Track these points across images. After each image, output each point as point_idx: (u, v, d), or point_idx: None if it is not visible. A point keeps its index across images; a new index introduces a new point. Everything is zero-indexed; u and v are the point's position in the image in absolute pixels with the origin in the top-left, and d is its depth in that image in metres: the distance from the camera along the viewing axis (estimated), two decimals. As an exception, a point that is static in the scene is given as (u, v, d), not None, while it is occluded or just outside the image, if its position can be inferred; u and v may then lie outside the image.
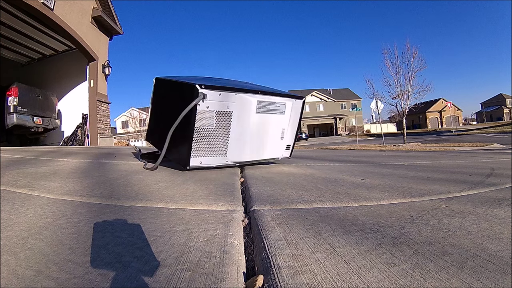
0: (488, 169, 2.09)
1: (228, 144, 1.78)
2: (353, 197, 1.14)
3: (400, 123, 15.70)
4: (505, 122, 36.60)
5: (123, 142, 17.22)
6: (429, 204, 1.05)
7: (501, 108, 51.65)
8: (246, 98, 1.74)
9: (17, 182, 1.37)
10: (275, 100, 1.89)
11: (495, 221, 0.84)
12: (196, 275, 0.54)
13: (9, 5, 6.27)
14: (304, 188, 1.33)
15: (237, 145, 1.81)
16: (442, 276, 0.52)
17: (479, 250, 0.63)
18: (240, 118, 1.75)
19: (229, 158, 1.83)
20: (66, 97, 9.29)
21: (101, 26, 8.99)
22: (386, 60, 13.14)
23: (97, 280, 0.51)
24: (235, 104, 1.71)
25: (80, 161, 2.50)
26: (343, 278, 0.52)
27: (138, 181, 1.46)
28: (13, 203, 1.01)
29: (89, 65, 8.72)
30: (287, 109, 1.99)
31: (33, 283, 0.50)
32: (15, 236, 0.70)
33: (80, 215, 0.88)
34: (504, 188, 1.35)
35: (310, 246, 0.66)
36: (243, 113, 1.75)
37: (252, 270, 0.62)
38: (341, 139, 24.08)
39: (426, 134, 26.66)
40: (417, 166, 2.36)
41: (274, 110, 1.90)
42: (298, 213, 0.92)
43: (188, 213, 0.92)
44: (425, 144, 9.91)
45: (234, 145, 1.79)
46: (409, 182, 1.50)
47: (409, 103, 12.74)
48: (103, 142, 8.85)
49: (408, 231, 0.76)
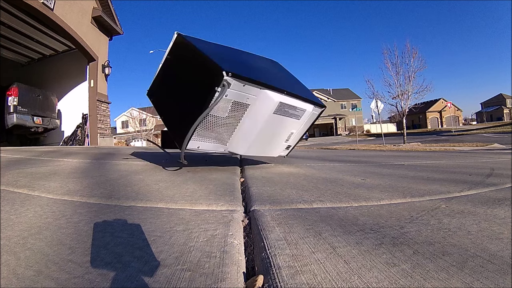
0: (488, 169, 2.09)
1: (233, 135, 1.68)
2: (353, 197, 1.14)
3: (400, 123, 15.69)
4: (505, 122, 36.58)
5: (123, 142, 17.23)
6: (429, 204, 1.05)
7: (501, 108, 51.64)
8: (269, 96, 1.62)
9: (17, 182, 1.37)
10: (296, 105, 1.78)
11: (495, 221, 0.84)
12: (196, 275, 0.54)
13: (9, 5, 6.27)
14: (304, 188, 1.33)
15: (240, 138, 1.72)
16: (442, 276, 0.52)
17: (479, 250, 0.63)
18: (255, 113, 1.63)
19: (228, 148, 1.75)
20: (66, 97, 9.29)
21: (101, 26, 8.99)
22: (386, 60, 13.14)
23: (97, 280, 0.51)
24: (256, 98, 1.58)
25: (80, 161, 2.50)
26: (343, 278, 0.52)
27: (138, 181, 1.46)
28: (13, 203, 1.01)
29: (89, 65, 8.72)
30: (304, 116, 1.90)
31: (33, 283, 0.50)
32: (15, 236, 0.70)
33: (80, 215, 0.88)
34: (504, 188, 1.35)
35: (310, 246, 0.66)
36: (260, 109, 1.63)
37: (252, 270, 0.62)
38: (341, 139, 24.10)
39: (426, 134, 26.65)
40: (417, 166, 2.36)
41: (291, 114, 1.80)
42: (298, 213, 0.92)
43: (188, 213, 0.92)
44: (425, 144, 9.91)
45: (238, 137, 1.70)
46: (409, 182, 1.50)
47: (409, 103, 12.74)
48: (103, 142, 8.85)
49: (408, 231, 0.76)
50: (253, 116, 1.64)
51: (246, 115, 1.62)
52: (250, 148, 1.82)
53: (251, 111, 1.62)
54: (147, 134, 24.71)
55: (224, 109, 1.51)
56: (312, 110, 1.94)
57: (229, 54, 1.90)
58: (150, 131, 26.09)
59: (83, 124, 8.77)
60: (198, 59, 1.58)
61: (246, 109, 1.60)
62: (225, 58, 1.71)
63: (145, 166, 2.13)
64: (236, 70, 1.44)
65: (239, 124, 1.65)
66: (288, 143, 2.10)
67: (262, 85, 1.56)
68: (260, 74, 1.74)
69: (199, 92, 1.52)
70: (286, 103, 1.70)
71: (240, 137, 1.71)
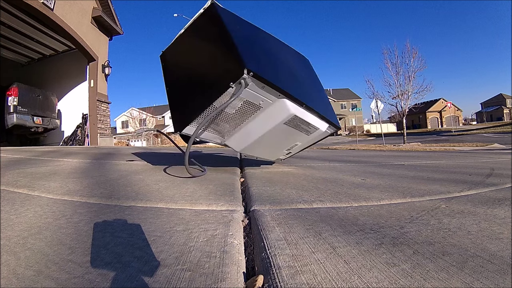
0: (488, 169, 2.09)
1: (234, 131, 1.56)
2: (353, 197, 1.14)
3: (400, 123, 15.69)
4: (505, 122, 36.59)
5: (123, 142, 17.22)
6: (429, 204, 1.05)
7: (501, 108, 51.66)
8: (286, 106, 1.46)
9: (17, 182, 1.37)
10: (311, 122, 1.62)
11: (495, 221, 0.84)
12: (196, 275, 0.54)
13: (9, 5, 6.28)
14: (304, 188, 1.33)
15: (241, 137, 1.62)
16: (442, 276, 0.52)
17: (479, 250, 0.63)
18: (264, 118, 1.51)
19: (225, 141, 1.66)
20: (66, 97, 9.30)
21: (101, 26, 9.00)
22: (386, 60, 13.16)
23: (97, 280, 0.51)
24: (271, 104, 1.45)
25: (80, 161, 2.50)
26: (343, 278, 0.52)
27: (138, 181, 1.46)
28: (13, 203, 1.01)
29: (89, 65, 8.73)
30: (315, 133, 1.74)
31: (33, 283, 0.50)
32: (15, 236, 0.70)
33: (80, 215, 0.88)
34: (504, 188, 1.35)
35: (310, 246, 0.66)
36: (271, 116, 1.50)
37: (252, 270, 0.62)
38: (341, 139, 24.09)
39: (426, 134, 26.65)
40: (417, 166, 2.36)
41: (301, 129, 1.65)
42: (298, 213, 0.92)
43: (188, 213, 0.92)
44: (425, 144, 9.91)
45: (239, 135, 1.60)
46: (409, 182, 1.50)
47: (409, 103, 12.76)
48: (103, 142, 8.85)
49: (408, 231, 0.76)
50: (261, 120, 1.52)
51: (254, 117, 1.51)
52: (248, 148, 1.74)
53: (261, 114, 1.49)
54: (147, 134, 24.70)
55: (233, 106, 1.40)
56: (326, 129, 1.78)
57: (259, 41, 1.67)
58: (150, 131, 26.07)
59: (83, 124, 8.77)
60: (223, 40, 1.37)
61: (257, 111, 1.48)
62: (252, 48, 1.51)
63: (145, 166, 2.13)
64: (260, 68, 1.29)
65: (244, 124, 1.54)
66: (289, 151, 1.98)
67: (282, 93, 1.40)
68: (284, 76, 1.58)
69: (212, 81, 1.39)
70: (301, 117, 1.54)
71: (241, 136, 1.63)
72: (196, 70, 1.54)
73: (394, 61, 12.97)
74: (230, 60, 1.30)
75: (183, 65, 1.66)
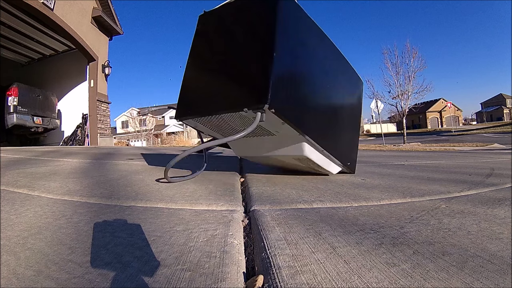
0: (488, 169, 2.09)
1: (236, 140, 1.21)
2: (353, 197, 1.14)
3: (400, 123, 15.70)
4: (505, 122, 36.59)
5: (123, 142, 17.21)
6: (429, 204, 1.05)
7: (501, 108, 51.67)
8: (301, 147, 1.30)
9: (17, 182, 1.37)
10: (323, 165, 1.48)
11: (495, 221, 0.84)
12: (196, 275, 0.53)
13: (9, 5, 6.27)
14: (304, 188, 1.33)
15: (245, 147, 1.53)
16: (442, 276, 0.52)
17: (479, 250, 0.63)
18: (272, 144, 1.36)
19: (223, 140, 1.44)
20: (66, 97, 9.30)
21: (101, 26, 8.99)
22: (386, 60, 13.20)
23: (97, 280, 0.51)
24: (286, 137, 1.26)
25: (80, 161, 2.50)
26: (343, 278, 0.52)
27: (138, 181, 1.46)
28: (13, 203, 1.00)
29: (89, 65, 8.73)
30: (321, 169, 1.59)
31: (33, 283, 0.50)
32: (15, 236, 0.70)
33: (80, 215, 0.88)
34: (504, 188, 1.35)
35: (310, 246, 0.66)
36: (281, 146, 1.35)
37: (252, 270, 0.62)
38: (341, 139, 24.03)
39: (426, 134, 26.65)
40: (417, 166, 2.36)
41: (310, 166, 1.54)
42: (298, 213, 0.92)
43: (188, 213, 0.92)
44: (425, 144, 9.91)
45: (244, 142, 1.49)
46: (409, 182, 1.50)
47: (409, 103, 12.78)
48: (103, 142, 8.85)
49: (408, 231, 0.76)
50: (267, 144, 1.36)
51: (262, 139, 1.34)
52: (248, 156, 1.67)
53: (270, 140, 1.33)
54: (147, 134, 24.71)
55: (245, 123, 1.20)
56: (337, 172, 1.65)
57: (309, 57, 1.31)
58: (150, 131, 26.10)
59: (83, 124, 8.77)
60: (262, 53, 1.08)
61: (267, 136, 1.29)
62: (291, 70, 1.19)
63: (145, 166, 2.13)
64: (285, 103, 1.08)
65: (249, 140, 1.40)
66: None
67: (302, 134, 1.20)
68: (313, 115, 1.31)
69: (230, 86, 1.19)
70: (313, 160, 1.36)
71: (242, 146, 1.56)
72: (223, 60, 1.28)
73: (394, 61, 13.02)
74: (256, 81, 1.08)
75: (214, 44, 1.37)
